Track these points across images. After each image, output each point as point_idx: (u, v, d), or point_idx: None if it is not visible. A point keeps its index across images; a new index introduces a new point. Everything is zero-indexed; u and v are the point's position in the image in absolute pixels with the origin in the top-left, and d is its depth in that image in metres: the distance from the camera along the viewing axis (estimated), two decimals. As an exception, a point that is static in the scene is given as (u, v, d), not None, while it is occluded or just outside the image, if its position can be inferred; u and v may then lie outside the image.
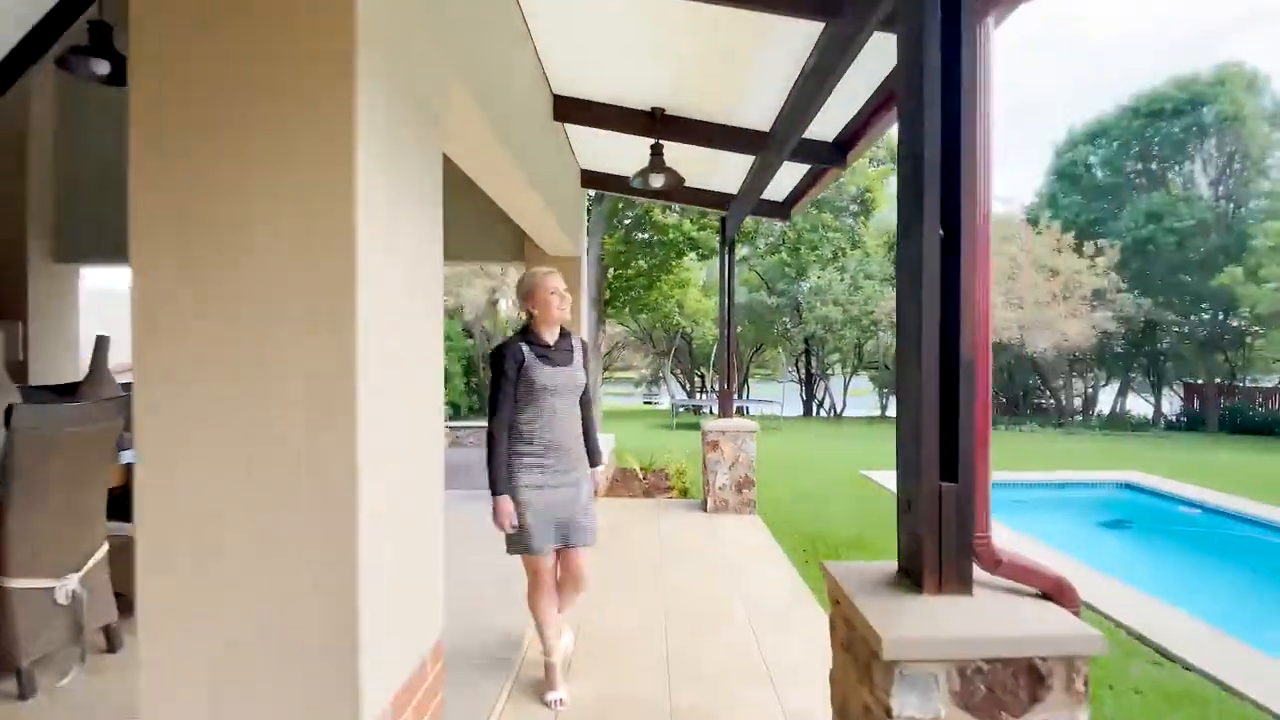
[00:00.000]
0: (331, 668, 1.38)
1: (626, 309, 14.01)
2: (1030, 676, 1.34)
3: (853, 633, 1.51)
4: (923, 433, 1.46)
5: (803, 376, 22.68)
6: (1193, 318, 18.24)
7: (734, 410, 6.08)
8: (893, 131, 2.62)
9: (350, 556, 1.37)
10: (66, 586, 2.50)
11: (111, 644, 2.77)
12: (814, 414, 21.76)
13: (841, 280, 19.50)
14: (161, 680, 1.40)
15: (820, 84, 2.78)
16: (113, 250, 5.60)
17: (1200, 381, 18.77)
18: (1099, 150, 21.39)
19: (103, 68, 3.75)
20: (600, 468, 2.71)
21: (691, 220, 13.96)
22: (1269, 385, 18.38)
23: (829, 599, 1.68)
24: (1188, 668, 3.13)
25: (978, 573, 1.51)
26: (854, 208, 18.07)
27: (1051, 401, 19.95)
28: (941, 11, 1.44)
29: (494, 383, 2.44)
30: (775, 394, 20.55)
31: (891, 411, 23.42)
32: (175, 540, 1.39)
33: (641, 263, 12.73)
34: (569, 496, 2.48)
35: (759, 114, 3.75)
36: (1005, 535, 5.05)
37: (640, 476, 7.12)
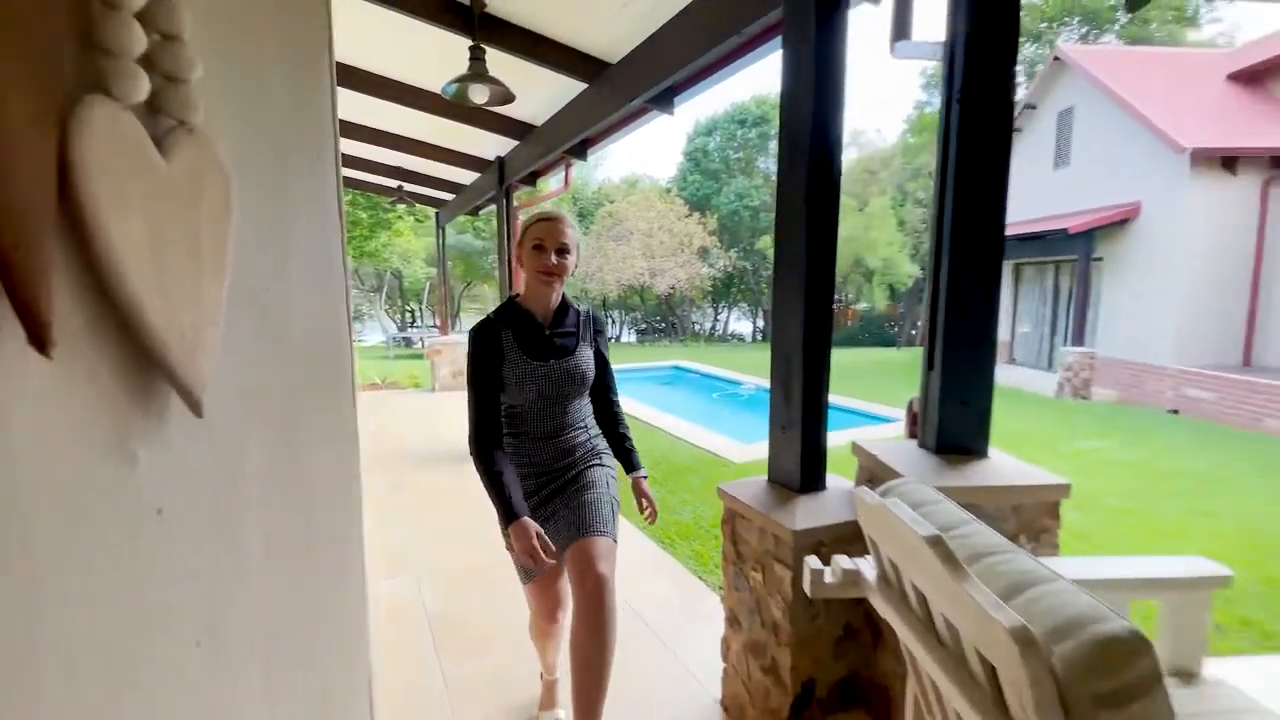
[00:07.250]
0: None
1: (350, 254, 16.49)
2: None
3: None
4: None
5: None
6: (760, 268, 27.26)
7: (448, 334, 9.95)
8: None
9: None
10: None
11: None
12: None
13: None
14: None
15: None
16: None
17: (767, 309, 28.43)
18: (713, 140, 29.07)
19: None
20: (643, 473, 1.94)
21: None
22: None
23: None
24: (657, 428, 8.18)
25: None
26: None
27: (677, 324, 27.82)
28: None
29: (468, 383, 1.75)
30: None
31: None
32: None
33: (363, 215, 15.30)
34: (575, 491, 1.80)
35: (492, 149, 7.51)
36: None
37: (382, 383, 10.51)
